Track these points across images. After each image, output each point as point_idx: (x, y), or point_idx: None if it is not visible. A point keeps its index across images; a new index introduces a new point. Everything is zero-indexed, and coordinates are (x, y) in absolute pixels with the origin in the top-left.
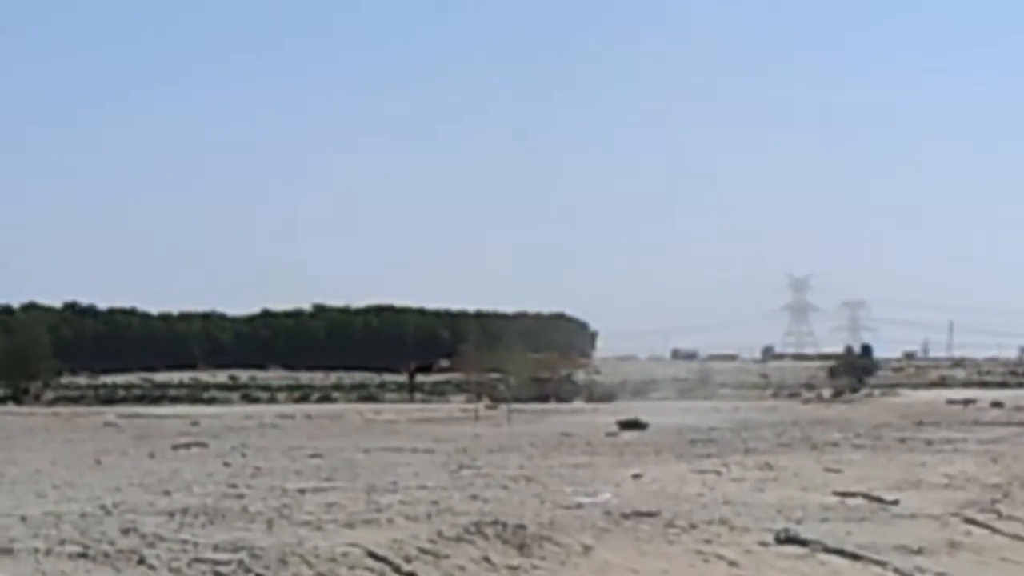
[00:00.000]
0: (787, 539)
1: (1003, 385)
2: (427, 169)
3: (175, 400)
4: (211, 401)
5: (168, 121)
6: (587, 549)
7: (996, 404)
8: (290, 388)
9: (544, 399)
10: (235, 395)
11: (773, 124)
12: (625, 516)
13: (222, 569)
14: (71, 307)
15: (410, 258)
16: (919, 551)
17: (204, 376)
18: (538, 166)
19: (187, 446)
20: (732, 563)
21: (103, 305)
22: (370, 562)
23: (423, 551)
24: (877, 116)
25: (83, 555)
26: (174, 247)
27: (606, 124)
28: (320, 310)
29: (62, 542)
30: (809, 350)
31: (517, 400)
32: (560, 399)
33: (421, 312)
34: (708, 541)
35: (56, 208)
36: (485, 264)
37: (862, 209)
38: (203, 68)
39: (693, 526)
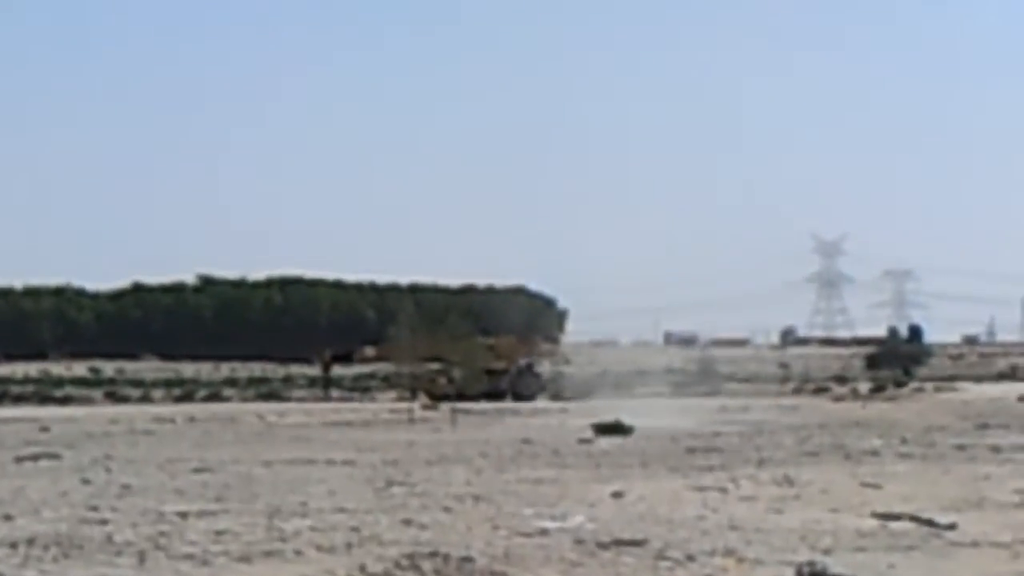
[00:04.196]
0: (812, 574)
1: None
2: (347, 106)
3: (18, 399)
4: (65, 401)
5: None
6: None
7: None
8: (168, 384)
9: (498, 396)
10: (97, 393)
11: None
12: (602, 545)
13: None
14: None
15: (324, 217)
16: None
17: (56, 368)
18: (490, 99)
19: (34, 458)
20: None
21: None
22: None
23: None
24: (933, 38)
25: None
26: (16, 205)
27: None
28: (207, 283)
29: None
30: (841, 333)
31: (463, 398)
32: (519, 396)
33: (339, 285)
34: None
35: None
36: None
37: (911, 154)
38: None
39: (691, 558)
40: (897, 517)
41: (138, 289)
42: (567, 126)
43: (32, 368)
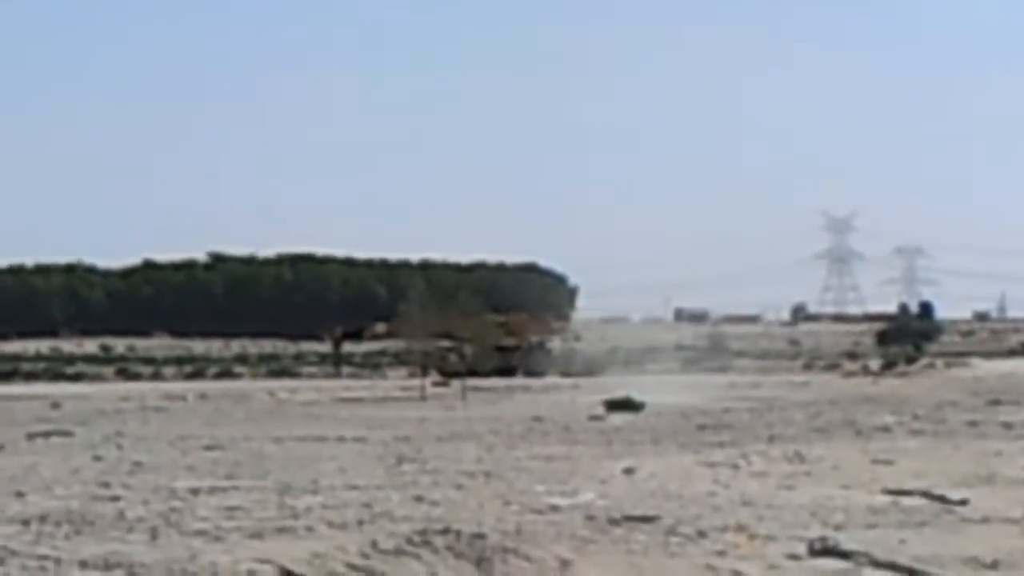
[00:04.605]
0: (824, 550)
1: None
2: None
3: (30, 377)
4: (77, 377)
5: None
6: (565, 564)
7: None
8: (179, 361)
9: (509, 373)
10: (108, 370)
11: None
12: (614, 522)
13: None
14: None
15: (335, 193)
16: (994, 565)
17: (68, 346)
18: (502, 82)
19: (46, 435)
20: None
21: None
22: None
23: (352, 567)
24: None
25: None
26: (27, 184)
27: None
28: (217, 260)
29: None
30: (852, 309)
31: (474, 375)
32: (530, 373)
33: (349, 262)
34: (722, 553)
35: None
36: (432, 201)
37: (921, 131)
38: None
39: (702, 534)
40: (908, 493)
41: (149, 266)
42: (578, 105)
43: (43, 345)
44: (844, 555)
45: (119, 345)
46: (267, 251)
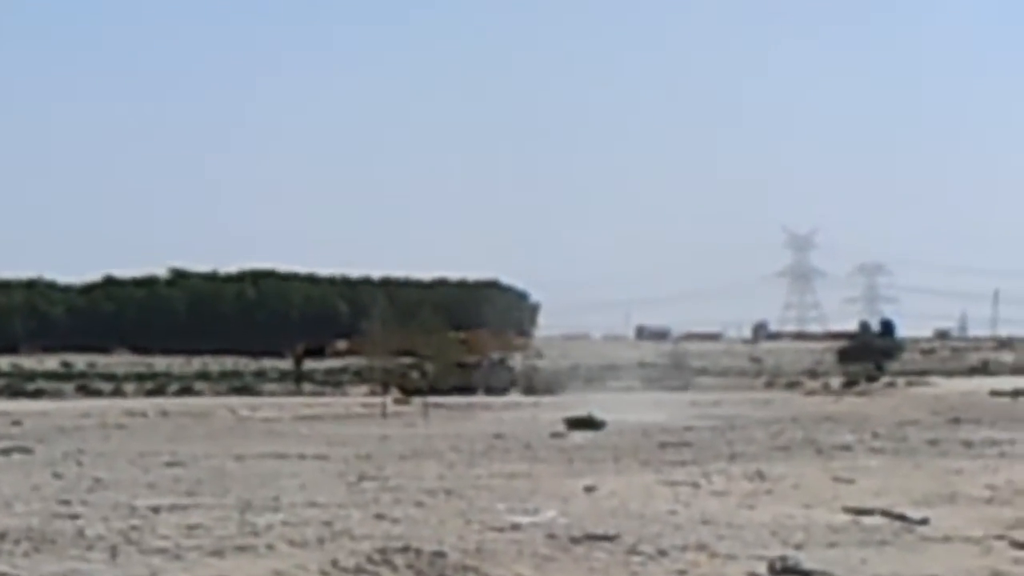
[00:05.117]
0: (784, 569)
1: None
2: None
3: None
4: (37, 394)
5: None
6: None
7: None
8: (140, 377)
9: (470, 391)
10: (68, 386)
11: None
12: (575, 540)
13: None
14: None
15: (297, 211)
16: None
17: (28, 362)
18: (465, 97)
19: (5, 452)
20: None
21: None
22: None
23: None
24: (905, 31)
25: None
26: None
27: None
28: (179, 276)
29: None
30: (813, 327)
31: (435, 392)
32: (491, 390)
33: (311, 279)
34: (682, 572)
35: None
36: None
37: (882, 148)
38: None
39: (663, 553)
40: (869, 512)
41: (110, 282)
42: (538, 121)
43: (3, 362)
44: (805, 574)
45: (80, 361)
46: (229, 267)
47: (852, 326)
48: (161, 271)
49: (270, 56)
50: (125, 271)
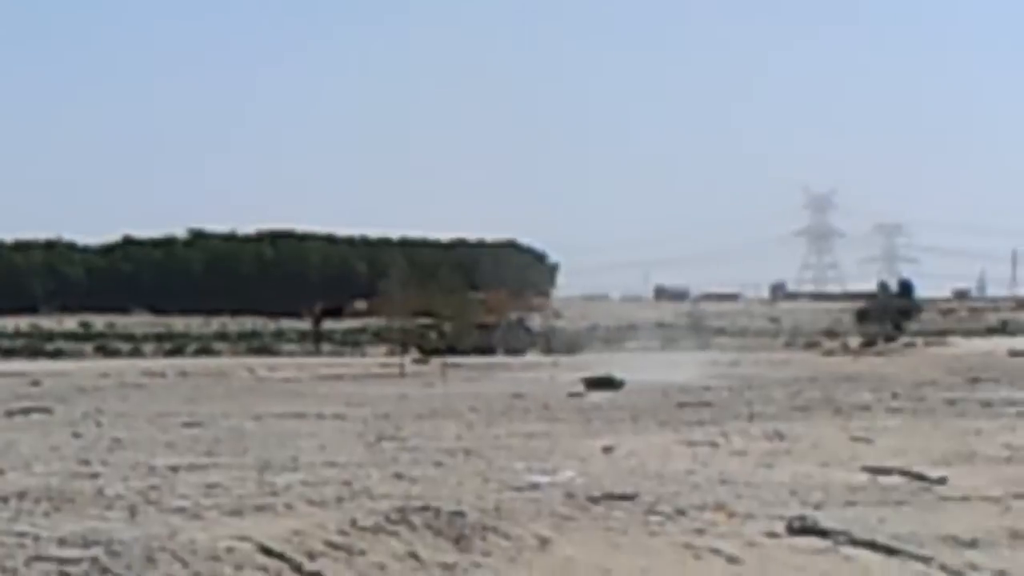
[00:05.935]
0: (803, 528)
1: None
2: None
3: (9, 353)
4: (56, 354)
5: None
6: (544, 542)
7: None
8: (159, 338)
9: (489, 351)
10: (87, 347)
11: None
12: (593, 500)
13: (70, 569)
14: None
15: (314, 171)
16: (972, 543)
17: (47, 322)
18: (483, 56)
19: (25, 412)
20: (732, 559)
21: None
22: (262, 559)
23: (331, 545)
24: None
25: None
26: (6, 158)
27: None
28: (197, 237)
29: None
30: (832, 287)
31: (454, 352)
32: (510, 350)
33: (329, 240)
34: (701, 531)
35: None
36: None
37: (901, 108)
38: None
39: (681, 512)
40: (887, 471)
41: (128, 243)
42: (559, 82)
43: (23, 322)
44: (823, 533)
45: (98, 322)
46: (247, 228)
47: (870, 286)
48: (180, 231)
49: (297, 19)
50: (144, 232)
